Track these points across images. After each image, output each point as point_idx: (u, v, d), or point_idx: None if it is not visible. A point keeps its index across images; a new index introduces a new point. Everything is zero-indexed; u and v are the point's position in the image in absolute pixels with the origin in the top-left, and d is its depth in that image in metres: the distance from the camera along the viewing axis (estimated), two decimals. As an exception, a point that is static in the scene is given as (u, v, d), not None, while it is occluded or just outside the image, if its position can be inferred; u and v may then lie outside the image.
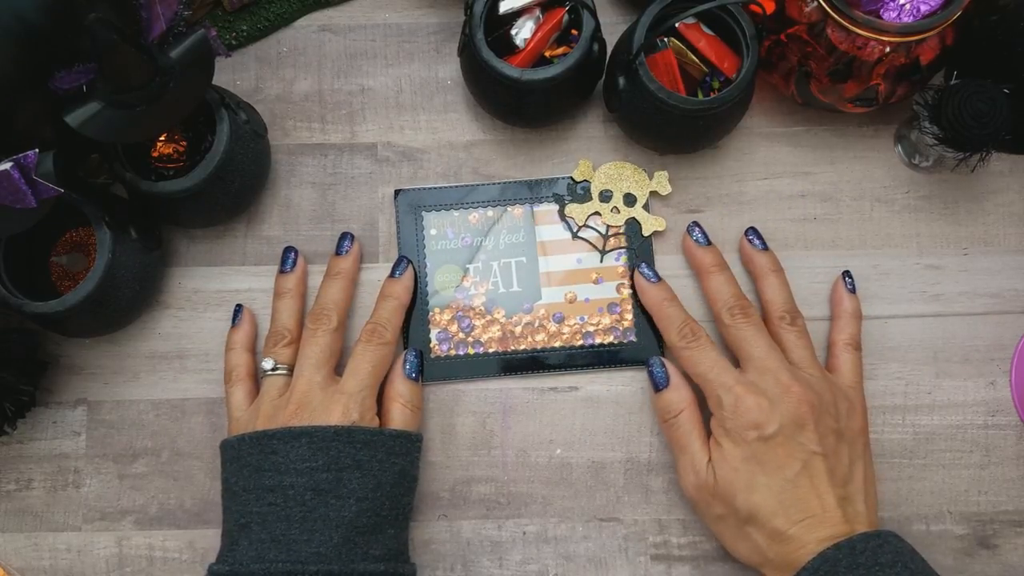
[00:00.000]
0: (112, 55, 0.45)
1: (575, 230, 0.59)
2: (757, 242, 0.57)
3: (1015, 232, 0.60)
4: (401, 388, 0.55)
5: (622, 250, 0.59)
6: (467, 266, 0.59)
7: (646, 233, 0.59)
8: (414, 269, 0.59)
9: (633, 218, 0.59)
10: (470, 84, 0.58)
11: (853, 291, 0.57)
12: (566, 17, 0.55)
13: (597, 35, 0.55)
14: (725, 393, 0.52)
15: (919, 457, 0.57)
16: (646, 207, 0.59)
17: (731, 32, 0.54)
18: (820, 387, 0.52)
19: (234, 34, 0.61)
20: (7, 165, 0.45)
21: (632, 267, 0.58)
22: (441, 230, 0.59)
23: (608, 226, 0.59)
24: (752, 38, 0.53)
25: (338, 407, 0.52)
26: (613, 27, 0.59)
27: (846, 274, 0.58)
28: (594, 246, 0.59)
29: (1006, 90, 0.52)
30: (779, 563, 0.49)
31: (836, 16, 0.50)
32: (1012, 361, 0.58)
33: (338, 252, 0.59)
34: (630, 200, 0.59)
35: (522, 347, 0.58)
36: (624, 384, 0.58)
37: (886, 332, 0.59)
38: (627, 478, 0.57)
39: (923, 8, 0.51)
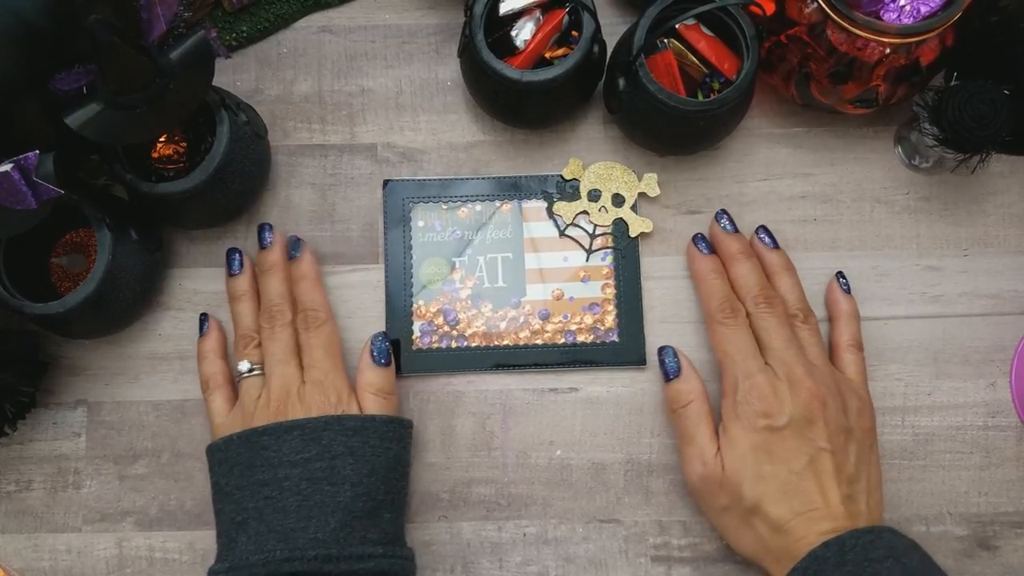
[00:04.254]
0: (112, 56, 0.45)
1: (562, 228, 0.59)
2: (768, 240, 0.57)
3: (1015, 233, 0.60)
4: (371, 377, 0.54)
5: (608, 250, 0.59)
6: (453, 260, 0.59)
7: (633, 234, 0.59)
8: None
9: (621, 219, 0.59)
10: (470, 85, 0.58)
11: (848, 291, 0.57)
12: (566, 18, 0.55)
13: (597, 36, 0.55)
14: (743, 379, 0.52)
15: (919, 458, 0.57)
16: (634, 208, 0.59)
17: (731, 33, 0.54)
18: (832, 385, 0.52)
19: (234, 35, 0.61)
20: (7, 166, 0.45)
21: (617, 267, 0.58)
22: (428, 222, 0.59)
23: (595, 225, 0.59)
24: (752, 39, 0.53)
25: (315, 397, 0.52)
26: (613, 28, 0.59)
27: (839, 275, 0.58)
28: (580, 245, 0.59)
29: (1006, 91, 0.52)
30: (779, 554, 0.49)
31: (836, 17, 0.50)
32: (1012, 362, 0.58)
33: (262, 246, 0.58)
34: (619, 200, 0.59)
35: (505, 343, 0.58)
36: (624, 385, 0.58)
37: (886, 333, 0.58)
38: (627, 479, 0.57)
39: (923, 9, 0.51)
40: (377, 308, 0.59)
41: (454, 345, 0.58)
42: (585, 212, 0.59)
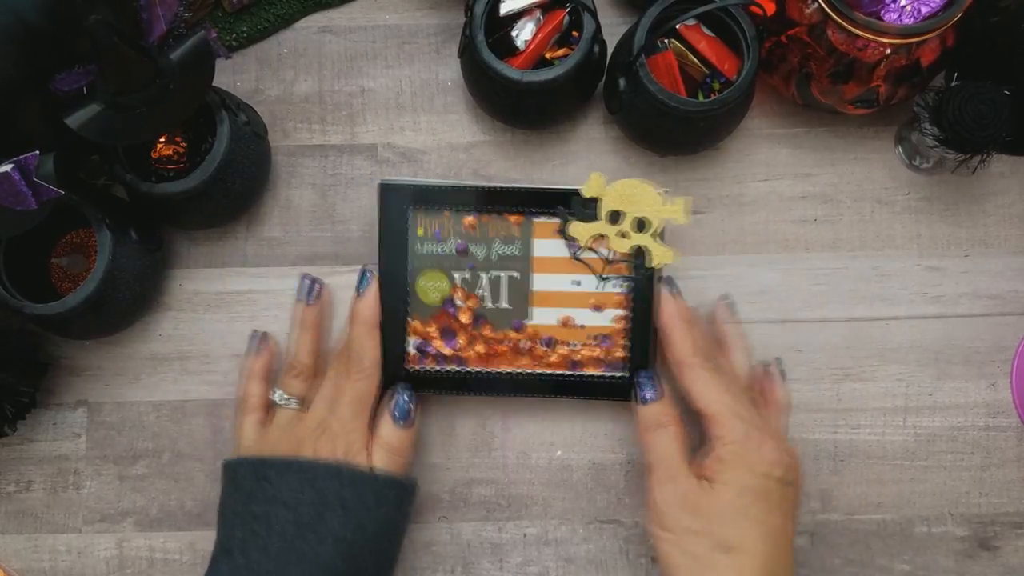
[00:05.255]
0: (112, 57, 0.45)
1: (575, 252, 0.54)
2: (730, 312, 0.56)
3: (1016, 233, 0.60)
4: (386, 433, 0.52)
5: (624, 278, 0.54)
6: (454, 274, 0.54)
7: (653, 265, 0.52)
8: (379, 281, 0.54)
9: (642, 246, 0.53)
10: (470, 86, 0.58)
11: (784, 378, 0.55)
12: (567, 19, 0.55)
13: (598, 37, 0.55)
14: (741, 423, 0.49)
15: (920, 459, 0.57)
16: (658, 235, 0.52)
17: (732, 34, 0.54)
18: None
19: (234, 35, 0.61)
20: (8, 167, 0.45)
21: (632, 295, 0.54)
22: (429, 231, 0.54)
23: (613, 251, 0.53)
24: (753, 39, 0.53)
25: (325, 446, 0.51)
26: (614, 28, 0.59)
27: (778, 360, 0.56)
28: (594, 271, 0.54)
29: (1007, 91, 0.52)
30: None
31: (837, 17, 0.50)
32: (1013, 363, 0.58)
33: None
34: (642, 225, 0.52)
35: (504, 368, 0.55)
36: (625, 386, 0.58)
37: (887, 333, 0.58)
38: (628, 480, 0.57)
39: (924, 10, 0.51)
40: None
41: (451, 368, 0.55)
42: (602, 236, 0.53)
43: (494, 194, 0.54)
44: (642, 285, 0.53)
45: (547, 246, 0.54)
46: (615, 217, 0.53)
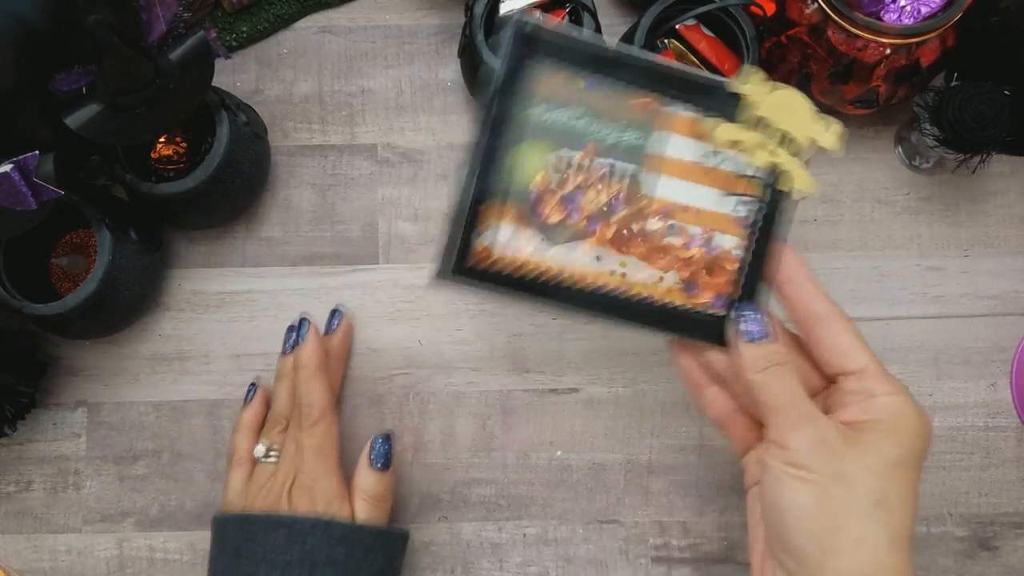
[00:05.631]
0: (112, 57, 0.45)
1: (705, 153, 0.43)
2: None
3: (1016, 234, 0.60)
4: (364, 481, 0.51)
5: (751, 201, 0.43)
6: (560, 153, 0.42)
7: (784, 187, 0.43)
8: (349, 322, 0.57)
9: (778, 165, 0.43)
10: (470, 86, 0.58)
11: None
12: (566, 19, 0.55)
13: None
14: (896, 380, 0.44)
15: (920, 459, 0.57)
16: (803, 158, 0.43)
17: (732, 34, 0.54)
18: None
19: (234, 35, 0.61)
20: (7, 167, 0.45)
21: (758, 222, 0.44)
22: (552, 95, 0.41)
23: (750, 165, 0.43)
24: (752, 40, 0.53)
25: (302, 501, 0.50)
26: (614, 29, 0.59)
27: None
28: (720, 181, 0.43)
29: (1007, 92, 0.52)
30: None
31: (836, 18, 0.50)
32: (1012, 363, 0.58)
33: (295, 342, 0.55)
34: (786, 143, 0.43)
35: (585, 284, 0.43)
36: (625, 386, 0.58)
37: (887, 334, 0.58)
38: (627, 480, 0.57)
39: (924, 10, 0.51)
40: (377, 309, 0.59)
41: (527, 272, 0.42)
42: (743, 143, 0.42)
43: (638, 71, 0.42)
44: (772, 213, 0.44)
45: (673, 142, 0.43)
46: (760, 126, 0.43)
